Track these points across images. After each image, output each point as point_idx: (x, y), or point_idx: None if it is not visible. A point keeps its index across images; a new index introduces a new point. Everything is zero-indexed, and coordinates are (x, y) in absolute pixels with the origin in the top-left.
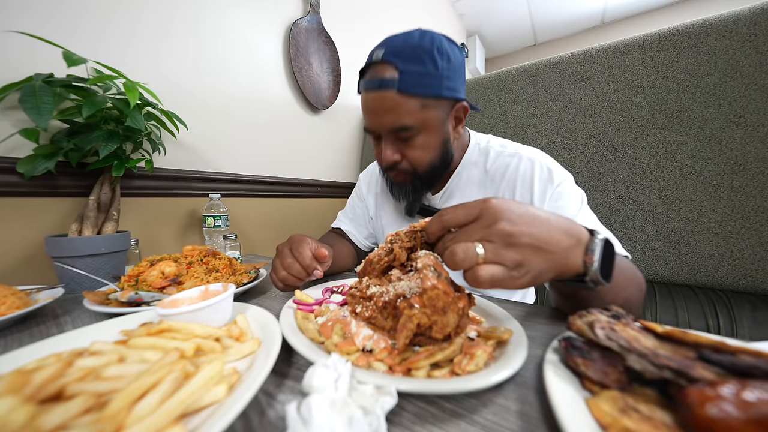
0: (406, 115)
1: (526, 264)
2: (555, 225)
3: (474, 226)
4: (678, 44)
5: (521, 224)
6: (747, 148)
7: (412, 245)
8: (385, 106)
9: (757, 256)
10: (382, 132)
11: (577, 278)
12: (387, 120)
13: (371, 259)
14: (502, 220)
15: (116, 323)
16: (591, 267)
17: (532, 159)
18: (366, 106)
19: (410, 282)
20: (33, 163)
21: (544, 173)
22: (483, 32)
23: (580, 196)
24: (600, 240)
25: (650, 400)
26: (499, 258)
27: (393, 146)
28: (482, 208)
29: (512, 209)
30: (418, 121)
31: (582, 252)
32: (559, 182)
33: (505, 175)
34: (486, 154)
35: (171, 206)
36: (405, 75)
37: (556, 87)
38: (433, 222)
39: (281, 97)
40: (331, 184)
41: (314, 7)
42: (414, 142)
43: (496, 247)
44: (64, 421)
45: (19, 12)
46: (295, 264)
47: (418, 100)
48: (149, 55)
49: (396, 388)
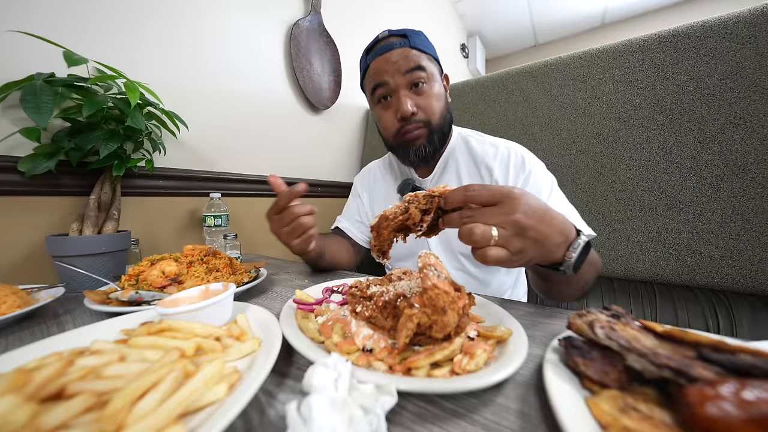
0: (419, 60)
1: (525, 252)
2: (556, 223)
3: (493, 211)
4: (678, 46)
5: (533, 219)
6: (747, 150)
7: (427, 208)
8: (402, 56)
9: (757, 257)
10: (398, 82)
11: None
12: (404, 65)
13: (386, 215)
14: (519, 212)
15: (117, 322)
16: (568, 261)
17: (508, 148)
18: (380, 67)
19: (410, 281)
20: (34, 162)
21: (518, 160)
22: (484, 33)
23: (550, 180)
24: (582, 241)
25: (650, 399)
26: (507, 244)
27: (410, 98)
28: (505, 195)
29: (530, 203)
30: (428, 69)
31: (565, 248)
32: (529, 169)
33: (485, 160)
34: (467, 142)
35: (171, 206)
36: (412, 38)
37: (557, 88)
38: (456, 192)
39: (282, 97)
40: (331, 184)
41: (315, 7)
42: (426, 91)
43: (509, 234)
44: (65, 420)
45: (20, 12)
46: (285, 213)
47: (424, 54)
48: (150, 55)
49: (396, 388)
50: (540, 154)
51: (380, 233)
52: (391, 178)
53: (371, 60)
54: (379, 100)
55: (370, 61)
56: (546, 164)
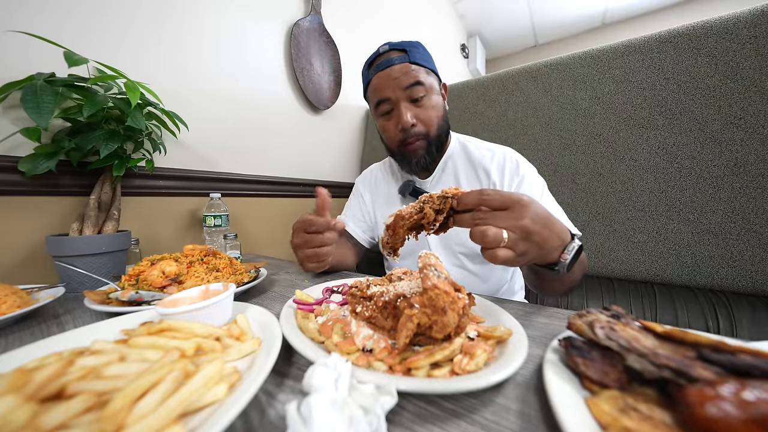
0: (418, 75)
1: (528, 254)
2: (556, 229)
3: (504, 215)
4: (678, 46)
5: (538, 224)
6: (747, 150)
7: (440, 208)
8: (402, 71)
9: (757, 258)
10: (399, 96)
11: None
12: (404, 80)
13: (402, 215)
14: (527, 218)
15: (117, 322)
16: (563, 262)
17: (504, 152)
18: (381, 82)
19: (410, 282)
20: (34, 162)
21: (513, 164)
22: (484, 33)
23: (541, 184)
24: (576, 244)
25: (650, 399)
26: (514, 246)
27: (409, 110)
28: (515, 202)
29: (536, 210)
30: (427, 82)
31: (561, 250)
32: (523, 173)
33: (483, 163)
34: (465, 147)
35: (171, 205)
36: (411, 53)
37: (557, 88)
38: (472, 195)
39: (282, 97)
40: (331, 184)
41: (315, 7)
42: (425, 104)
43: (517, 238)
44: (65, 420)
45: (20, 12)
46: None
47: (423, 68)
48: (150, 55)
49: (396, 388)
50: (540, 154)
51: (396, 231)
52: (393, 180)
53: (373, 75)
54: (383, 113)
55: (372, 75)
56: (546, 164)
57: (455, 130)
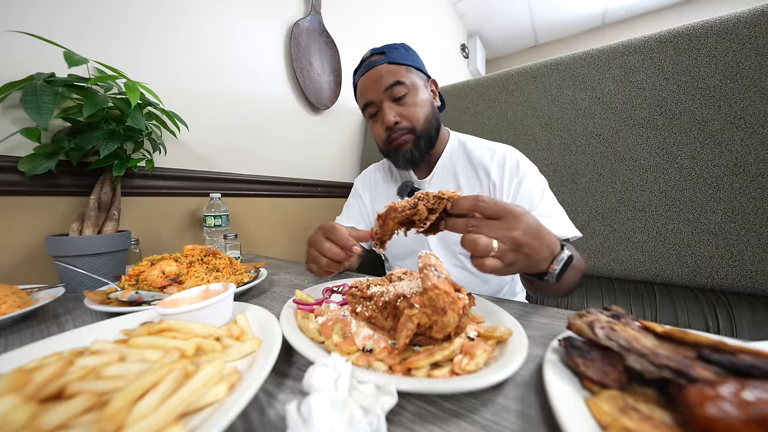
0: (398, 75)
1: (516, 264)
2: (545, 241)
3: (496, 225)
4: (678, 46)
5: (529, 236)
6: (747, 150)
7: (434, 207)
8: (381, 73)
9: (757, 258)
10: (381, 98)
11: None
12: (384, 81)
13: (395, 207)
14: (518, 229)
15: (117, 322)
16: (552, 273)
17: (504, 151)
18: (364, 85)
19: (410, 282)
20: (34, 162)
21: (513, 163)
22: (484, 33)
23: (542, 182)
24: (565, 255)
25: (650, 399)
26: (503, 256)
27: (392, 109)
28: (508, 212)
29: (528, 222)
30: (408, 81)
31: (550, 261)
32: (523, 172)
33: (482, 162)
34: (464, 146)
35: (171, 205)
36: (390, 53)
37: (557, 88)
38: (467, 200)
39: (282, 97)
40: (331, 184)
41: (315, 7)
42: (408, 101)
43: (506, 248)
44: (65, 420)
45: (20, 12)
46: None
47: (404, 66)
48: (150, 55)
49: (396, 388)
50: (540, 154)
51: (386, 222)
52: (391, 180)
53: (357, 80)
54: (370, 116)
55: (356, 81)
56: (546, 164)
57: (455, 130)
